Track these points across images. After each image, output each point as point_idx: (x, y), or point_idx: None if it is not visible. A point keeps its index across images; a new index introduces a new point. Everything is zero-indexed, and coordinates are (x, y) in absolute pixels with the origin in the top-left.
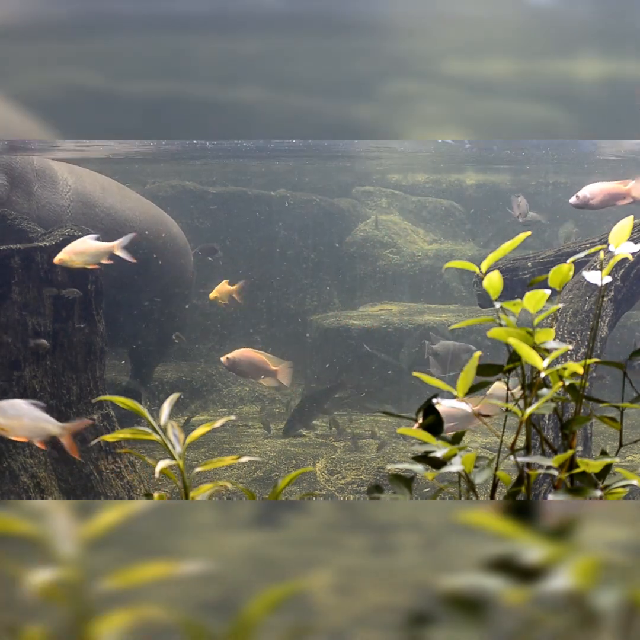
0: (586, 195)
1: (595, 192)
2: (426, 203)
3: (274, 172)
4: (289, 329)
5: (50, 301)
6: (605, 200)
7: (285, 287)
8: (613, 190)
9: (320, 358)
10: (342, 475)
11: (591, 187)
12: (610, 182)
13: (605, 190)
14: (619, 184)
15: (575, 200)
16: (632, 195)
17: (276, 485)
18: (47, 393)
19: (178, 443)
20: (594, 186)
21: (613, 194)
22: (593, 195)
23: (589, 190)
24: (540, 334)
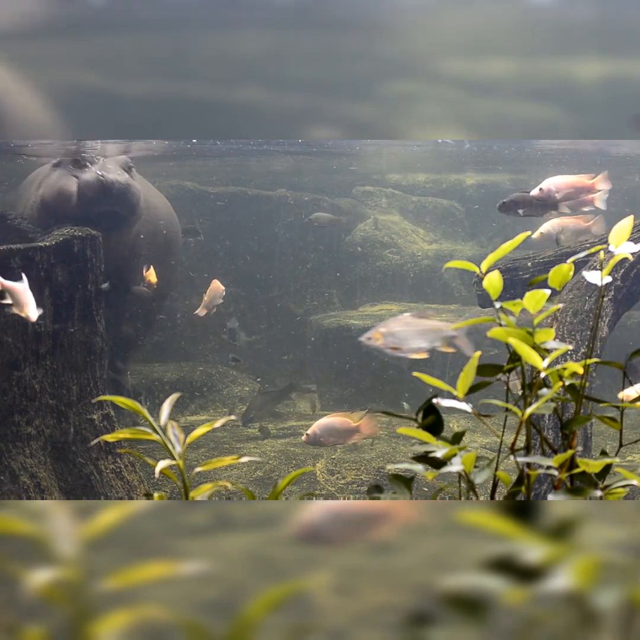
0: (551, 188)
1: (559, 185)
2: (426, 203)
3: (274, 172)
4: (289, 329)
5: (50, 301)
6: (569, 194)
7: (285, 287)
8: (577, 183)
9: (320, 358)
10: (342, 475)
11: (555, 180)
12: (573, 175)
13: (570, 183)
14: (582, 177)
15: (540, 193)
16: (596, 189)
17: (276, 485)
18: (47, 393)
19: (178, 443)
20: (557, 179)
21: (577, 187)
22: (558, 188)
23: (554, 183)
24: (540, 334)
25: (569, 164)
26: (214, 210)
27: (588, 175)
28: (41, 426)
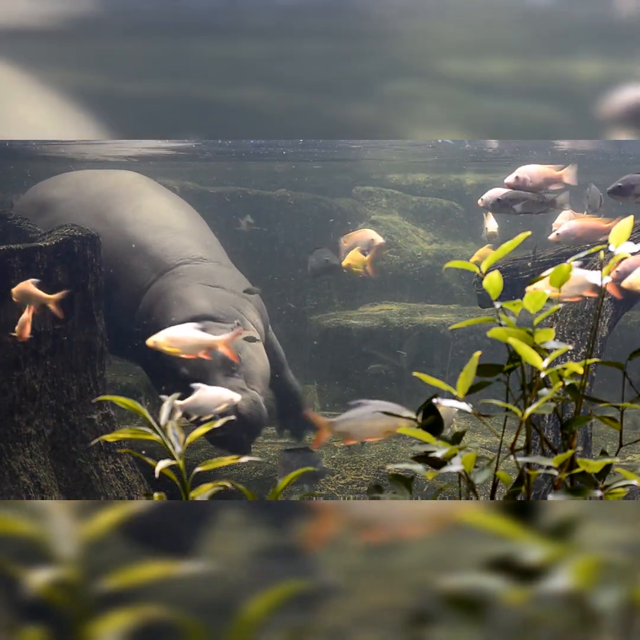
0: (526, 177)
1: (533, 174)
2: (426, 203)
3: (274, 172)
4: (289, 329)
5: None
6: (540, 184)
7: (285, 287)
8: (547, 174)
9: (320, 358)
10: (342, 475)
11: (528, 169)
12: (543, 165)
13: (542, 173)
14: (551, 168)
15: (515, 181)
16: (564, 181)
17: (276, 485)
18: (47, 393)
19: (178, 443)
20: (530, 168)
21: (548, 178)
22: (531, 177)
23: (527, 172)
24: (540, 334)
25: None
26: (214, 210)
27: (556, 166)
28: (41, 426)
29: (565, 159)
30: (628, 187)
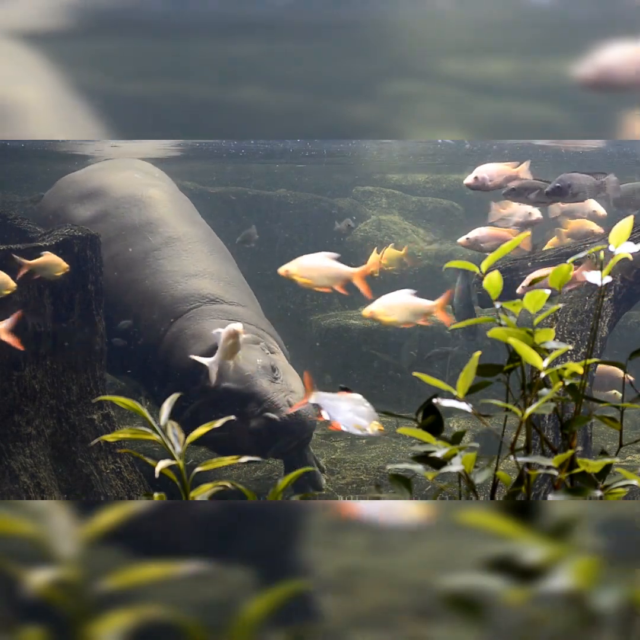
0: (485, 177)
1: (492, 173)
2: (426, 203)
3: (274, 172)
4: (289, 329)
5: (50, 301)
6: (500, 182)
7: (285, 287)
8: (505, 172)
9: (320, 358)
10: (342, 475)
11: (487, 168)
12: (500, 163)
13: (501, 171)
14: (507, 165)
15: (474, 181)
16: (520, 177)
17: (276, 485)
18: (47, 393)
19: (178, 443)
20: (489, 167)
21: (506, 176)
22: (491, 177)
23: (487, 172)
24: (540, 334)
25: (568, 163)
26: (214, 210)
27: (512, 163)
28: (41, 426)
29: (563, 158)
30: (565, 186)
